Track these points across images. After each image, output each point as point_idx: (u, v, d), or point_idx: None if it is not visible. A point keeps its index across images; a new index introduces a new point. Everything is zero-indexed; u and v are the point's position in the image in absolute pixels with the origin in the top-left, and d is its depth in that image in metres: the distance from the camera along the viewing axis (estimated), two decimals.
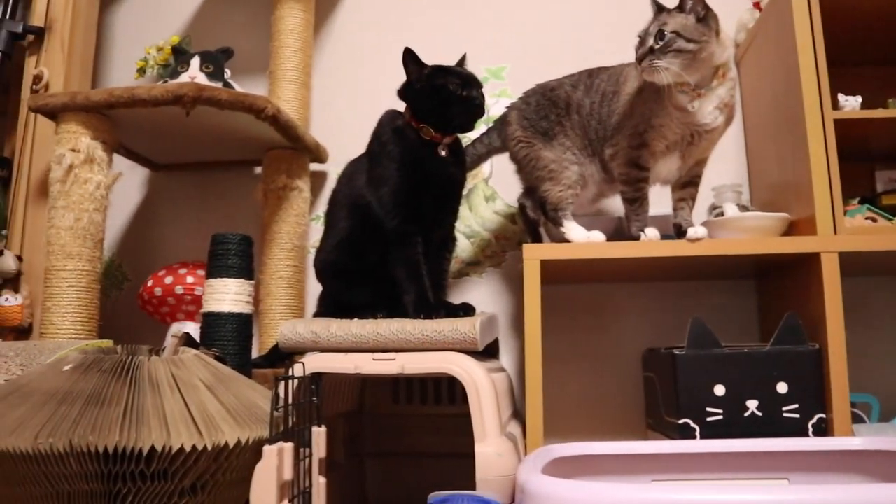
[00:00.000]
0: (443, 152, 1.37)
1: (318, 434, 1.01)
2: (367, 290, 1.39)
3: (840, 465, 1.18)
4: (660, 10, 1.34)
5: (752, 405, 1.28)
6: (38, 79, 1.80)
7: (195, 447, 0.91)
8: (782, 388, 1.28)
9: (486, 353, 1.34)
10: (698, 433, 1.27)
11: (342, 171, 1.51)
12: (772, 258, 1.39)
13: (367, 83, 2.00)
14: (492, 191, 1.88)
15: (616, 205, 1.58)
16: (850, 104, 1.46)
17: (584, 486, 0.89)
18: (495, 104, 1.87)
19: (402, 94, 1.39)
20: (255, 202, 1.83)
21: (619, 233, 1.55)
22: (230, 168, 2.00)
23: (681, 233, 1.41)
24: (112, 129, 1.60)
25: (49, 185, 1.54)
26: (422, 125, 1.35)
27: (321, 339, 1.22)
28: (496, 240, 1.87)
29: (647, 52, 1.30)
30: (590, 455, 1.20)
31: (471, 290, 1.85)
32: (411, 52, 1.34)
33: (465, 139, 1.51)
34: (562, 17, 1.95)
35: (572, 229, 1.44)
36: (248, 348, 1.44)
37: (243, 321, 1.42)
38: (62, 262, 1.51)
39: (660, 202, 1.54)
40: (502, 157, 1.63)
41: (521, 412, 1.59)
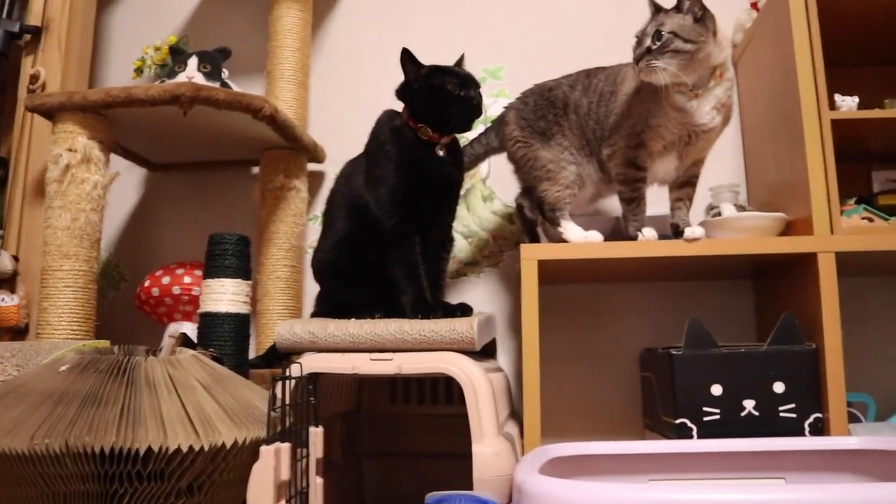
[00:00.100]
0: (440, 152, 1.37)
1: (316, 434, 1.01)
2: (364, 291, 1.39)
3: (836, 464, 1.18)
4: (657, 10, 1.34)
5: (748, 405, 1.28)
6: (34, 78, 1.80)
7: (192, 448, 0.91)
8: (779, 387, 1.28)
9: (483, 353, 1.34)
10: (695, 433, 1.28)
11: (340, 171, 1.51)
12: (769, 258, 1.40)
13: (364, 83, 2.00)
14: (489, 191, 1.88)
15: (613, 205, 1.58)
16: (847, 104, 1.46)
17: (582, 485, 0.89)
18: (493, 104, 1.87)
19: (400, 95, 1.39)
20: (252, 202, 1.82)
21: (616, 233, 1.55)
22: (227, 168, 1.99)
23: (678, 233, 1.41)
24: (109, 129, 1.60)
25: (46, 184, 1.54)
26: (420, 125, 1.35)
27: (318, 339, 1.22)
28: (494, 240, 1.87)
29: (644, 53, 1.30)
30: (587, 455, 1.20)
31: (468, 290, 1.85)
32: (409, 53, 1.35)
33: (463, 139, 1.51)
34: (559, 18, 1.95)
35: (570, 229, 1.44)
36: (245, 348, 1.44)
37: (240, 321, 1.42)
38: (59, 262, 1.51)
39: (657, 202, 1.54)
40: (500, 157, 1.63)
41: (518, 412, 1.59)
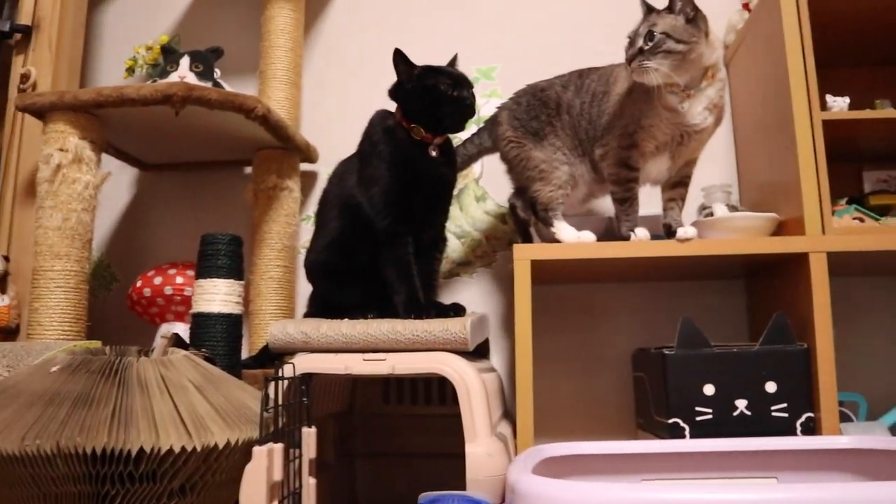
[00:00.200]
0: (433, 152, 1.36)
1: (308, 435, 1.01)
2: (357, 291, 1.39)
3: (828, 463, 1.19)
4: (649, 10, 1.35)
5: (741, 404, 1.29)
6: (25, 78, 1.79)
7: (184, 448, 0.91)
8: (771, 387, 1.29)
9: (476, 354, 1.34)
10: (688, 433, 1.28)
11: (333, 172, 1.50)
12: (761, 258, 1.40)
13: (357, 83, 2.00)
14: (482, 191, 1.88)
15: (606, 205, 1.59)
16: (839, 105, 1.47)
17: (575, 485, 0.89)
18: (486, 104, 1.87)
19: (393, 95, 1.38)
20: (244, 202, 1.82)
21: (609, 233, 1.55)
22: (220, 168, 1.99)
23: (671, 233, 1.42)
24: (101, 129, 1.59)
25: (37, 184, 1.53)
26: (412, 125, 1.35)
27: (311, 339, 1.22)
28: (487, 240, 1.87)
29: (636, 53, 1.30)
30: (580, 455, 1.21)
31: (461, 291, 1.85)
32: (402, 53, 1.34)
33: (456, 139, 1.51)
34: (552, 18, 1.95)
35: (562, 229, 1.44)
36: (237, 349, 1.43)
37: (233, 322, 1.42)
38: (50, 262, 1.50)
39: (650, 202, 1.54)
40: (493, 158, 1.63)
41: (511, 412, 1.59)
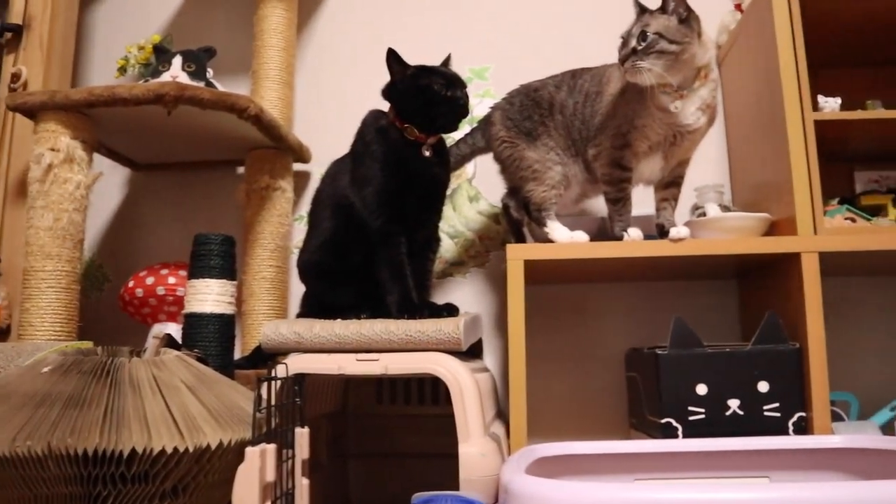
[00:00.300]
0: (427, 153, 1.36)
1: (301, 435, 1.01)
2: (350, 291, 1.38)
3: (820, 462, 1.19)
4: (642, 11, 1.35)
5: (733, 404, 1.29)
6: (16, 77, 1.78)
7: (176, 449, 0.90)
8: (763, 386, 1.29)
9: (469, 354, 1.34)
10: (681, 432, 1.28)
11: (325, 171, 1.50)
12: (753, 258, 1.41)
13: (350, 83, 2.00)
14: (475, 191, 1.88)
15: (599, 205, 1.59)
16: (830, 105, 1.48)
17: (568, 485, 0.89)
18: (479, 104, 1.87)
19: (386, 94, 1.38)
20: (237, 202, 1.81)
21: (602, 233, 1.56)
22: (212, 168, 1.98)
23: (663, 233, 1.42)
24: (92, 129, 1.59)
25: (28, 184, 1.52)
26: (406, 125, 1.35)
27: (304, 339, 1.21)
28: (480, 240, 1.87)
29: (629, 53, 1.30)
30: (573, 455, 1.21)
31: (454, 291, 1.85)
32: (395, 53, 1.34)
33: (449, 139, 1.51)
34: (545, 18, 1.95)
35: (556, 229, 1.44)
36: (230, 349, 1.43)
37: (226, 322, 1.41)
38: (41, 262, 1.49)
39: (643, 202, 1.55)
40: (486, 158, 1.63)
41: (504, 412, 1.59)
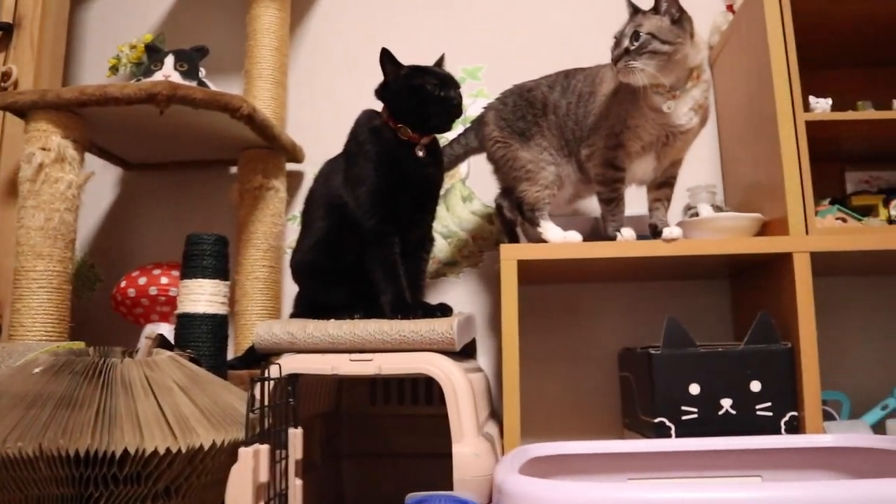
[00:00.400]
0: (420, 153, 1.36)
1: (295, 435, 1.00)
2: (343, 291, 1.38)
3: (812, 461, 1.20)
4: (635, 11, 1.35)
5: (726, 404, 1.30)
6: (6, 76, 1.77)
7: (169, 450, 0.90)
8: (755, 386, 1.30)
9: (463, 354, 1.34)
10: (674, 432, 1.29)
11: (319, 171, 1.50)
12: (745, 258, 1.41)
13: (343, 83, 1.99)
14: (469, 191, 1.88)
15: (592, 205, 1.59)
16: (821, 106, 1.48)
17: (561, 485, 0.89)
18: (472, 104, 1.87)
19: (380, 94, 1.38)
20: (230, 202, 1.81)
21: (595, 233, 1.56)
22: (205, 168, 1.97)
23: (656, 233, 1.42)
24: (84, 128, 1.58)
25: (18, 184, 1.51)
26: (399, 125, 1.35)
27: (297, 339, 1.21)
28: (473, 240, 1.87)
29: (622, 53, 1.31)
30: (566, 454, 1.21)
31: (448, 291, 1.85)
32: (388, 53, 1.34)
33: (443, 139, 1.51)
34: (538, 18, 1.95)
35: (549, 229, 1.45)
36: (223, 350, 1.43)
37: (218, 322, 1.41)
38: (32, 262, 1.48)
39: (636, 202, 1.55)
40: (479, 158, 1.63)
41: (498, 412, 1.59)
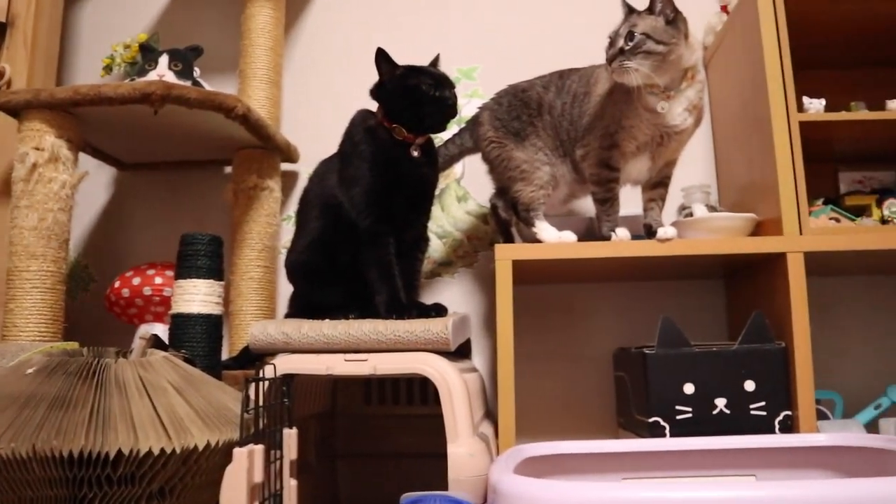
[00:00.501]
0: (415, 153, 1.36)
1: (290, 436, 1.00)
2: (338, 291, 1.38)
3: (805, 461, 1.20)
4: (630, 11, 1.36)
5: (720, 403, 1.30)
6: None
7: (163, 450, 0.90)
8: (750, 385, 1.30)
9: (458, 354, 1.34)
10: (668, 431, 1.29)
11: (313, 171, 1.50)
12: (739, 258, 1.42)
13: (338, 83, 1.99)
14: (464, 191, 1.88)
15: (587, 205, 1.60)
16: (815, 107, 1.49)
17: (556, 485, 0.90)
18: (467, 105, 1.87)
19: (375, 94, 1.38)
20: (225, 202, 1.80)
21: (590, 233, 1.56)
22: (200, 168, 1.97)
23: (651, 233, 1.42)
24: (77, 128, 1.57)
25: (12, 184, 1.51)
26: (394, 125, 1.35)
27: (292, 340, 1.21)
28: (468, 240, 1.87)
29: (617, 53, 1.31)
30: (561, 454, 1.21)
31: (443, 291, 1.85)
32: (384, 53, 1.34)
33: (438, 140, 1.51)
34: (533, 19, 1.96)
35: (544, 229, 1.45)
36: (217, 350, 1.42)
37: (213, 322, 1.41)
38: (26, 262, 1.48)
39: (630, 203, 1.55)
40: (474, 158, 1.63)
41: (493, 412, 1.59)
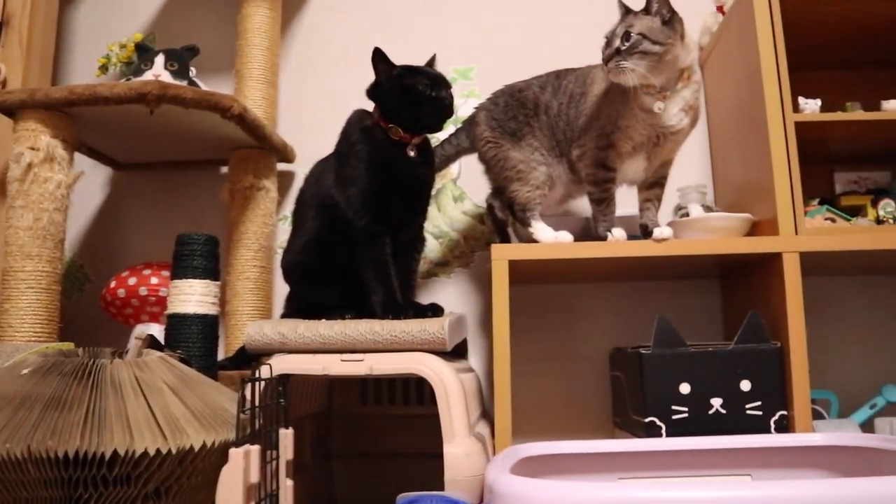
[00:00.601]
0: (411, 153, 1.36)
1: (286, 436, 1.00)
2: (334, 291, 1.38)
3: (801, 460, 1.20)
4: (626, 11, 1.36)
5: (716, 403, 1.30)
6: None
7: (159, 451, 0.89)
8: (745, 385, 1.30)
9: (454, 354, 1.34)
10: (664, 431, 1.29)
11: (310, 171, 1.49)
12: (735, 258, 1.42)
13: (335, 83, 1.99)
14: (460, 191, 1.88)
15: (583, 205, 1.60)
16: (811, 107, 1.49)
17: (552, 485, 0.90)
18: (464, 105, 1.87)
19: (371, 94, 1.38)
20: (221, 202, 1.80)
21: (586, 233, 1.56)
22: (196, 168, 1.97)
23: (647, 233, 1.43)
24: (73, 128, 1.57)
25: (7, 184, 1.50)
26: (390, 125, 1.35)
27: (288, 340, 1.21)
28: (465, 240, 1.87)
29: (613, 53, 1.31)
30: (557, 454, 1.21)
31: (439, 291, 1.85)
32: (381, 52, 1.34)
33: (434, 139, 1.51)
34: (530, 19, 1.96)
35: (540, 230, 1.45)
36: (213, 350, 1.42)
37: (209, 323, 1.40)
38: (21, 263, 1.48)
39: (626, 203, 1.55)
40: (471, 158, 1.63)
41: (489, 412, 1.60)
